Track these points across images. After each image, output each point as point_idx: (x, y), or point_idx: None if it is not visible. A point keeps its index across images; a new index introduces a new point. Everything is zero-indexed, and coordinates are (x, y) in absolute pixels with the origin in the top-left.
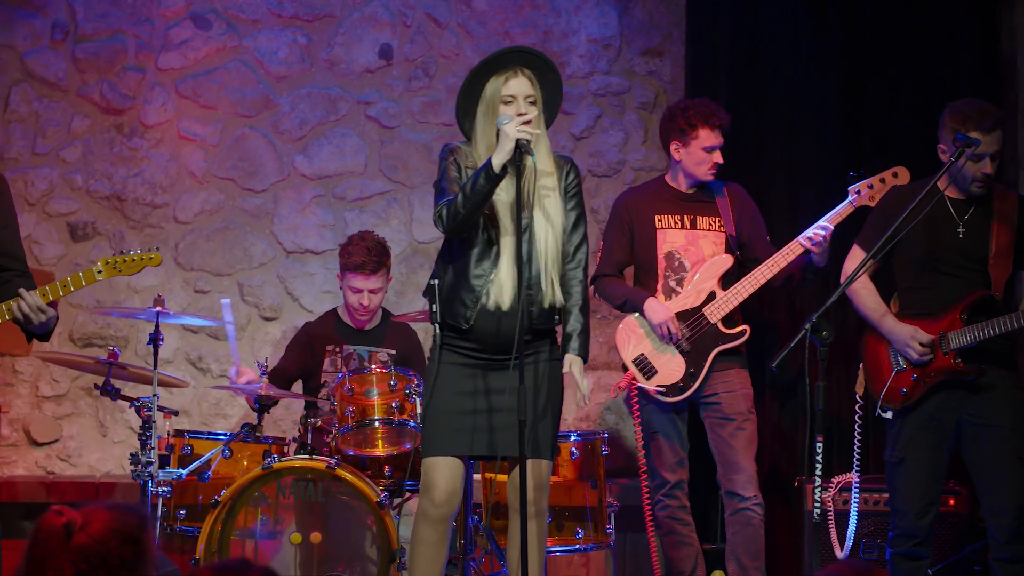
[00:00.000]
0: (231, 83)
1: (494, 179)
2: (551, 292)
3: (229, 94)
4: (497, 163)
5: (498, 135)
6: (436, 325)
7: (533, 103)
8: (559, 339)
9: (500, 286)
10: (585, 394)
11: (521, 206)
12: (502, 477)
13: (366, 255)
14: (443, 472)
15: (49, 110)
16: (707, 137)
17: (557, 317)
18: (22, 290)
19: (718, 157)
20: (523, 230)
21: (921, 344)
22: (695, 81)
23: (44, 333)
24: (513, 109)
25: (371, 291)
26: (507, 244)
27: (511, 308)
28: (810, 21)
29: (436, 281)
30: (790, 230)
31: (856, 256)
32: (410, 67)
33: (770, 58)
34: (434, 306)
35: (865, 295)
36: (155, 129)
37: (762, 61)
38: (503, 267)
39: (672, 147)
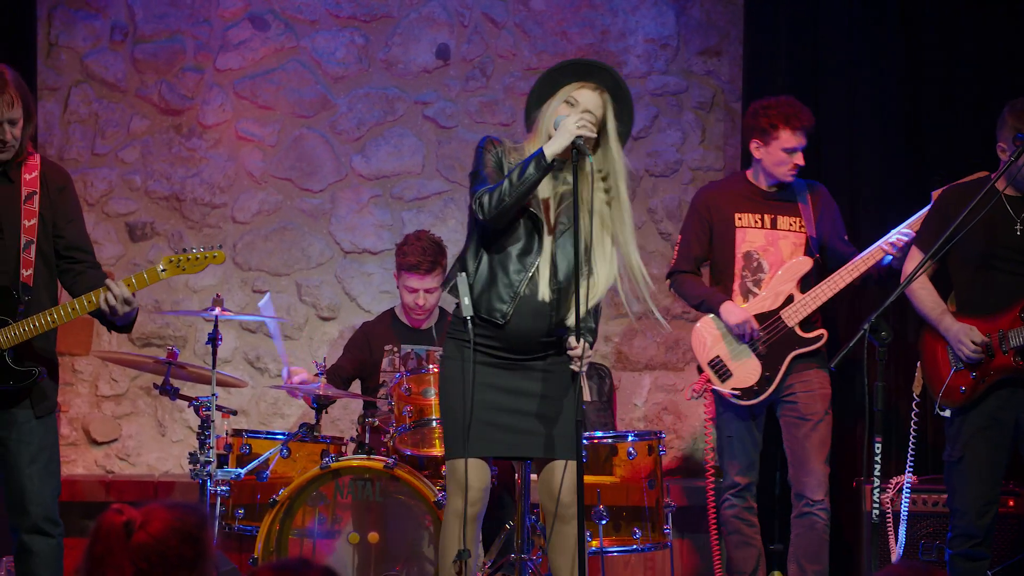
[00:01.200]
0: (289, 84)
1: (543, 168)
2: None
3: (287, 95)
4: (550, 152)
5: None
6: (468, 319)
7: (592, 122)
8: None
9: (537, 283)
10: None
11: (578, 205)
12: None
13: (421, 255)
14: (476, 472)
15: (108, 111)
16: (788, 139)
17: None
18: (110, 281)
19: (799, 159)
20: (563, 233)
21: (974, 343)
22: (753, 81)
23: (126, 324)
24: (570, 112)
25: (426, 291)
26: (549, 243)
27: (546, 305)
28: (870, 20)
29: (463, 274)
30: (850, 231)
31: (915, 257)
32: (467, 67)
33: (829, 58)
34: (466, 299)
35: (923, 294)
36: (213, 129)
37: (822, 61)
38: (543, 265)
39: (753, 145)
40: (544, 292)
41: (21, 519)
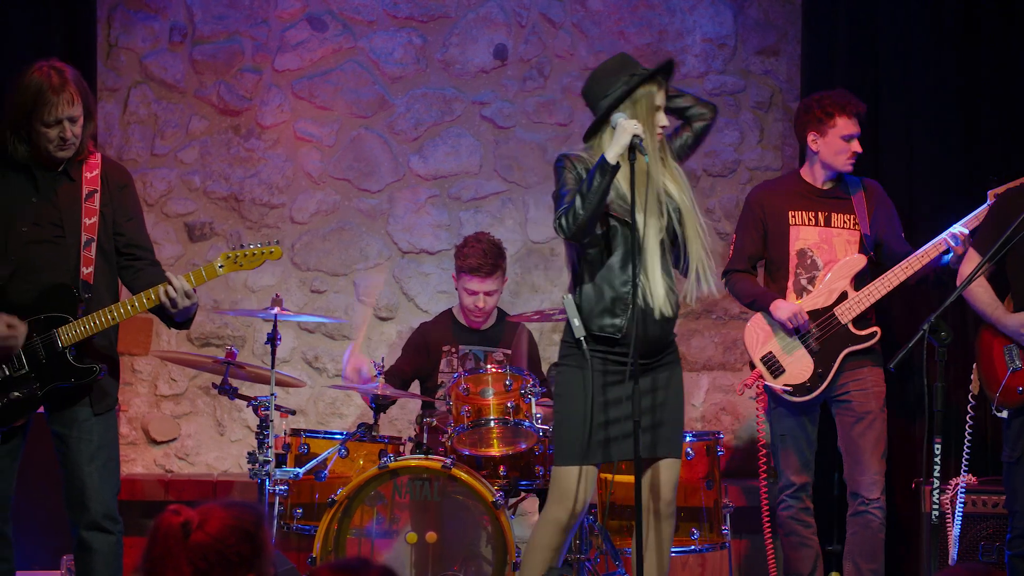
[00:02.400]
0: (347, 84)
1: (610, 172)
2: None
3: (345, 95)
4: (612, 156)
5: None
6: (583, 339)
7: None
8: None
9: (649, 290)
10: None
11: (635, 201)
12: (618, 478)
13: (482, 258)
14: (588, 483)
15: (167, 111)
16: (845, 125)
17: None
18: (170, 274)
19: (856, 146)
20: (665, 226)
21: None
22: (811, 80)
23: (185, 320)
24: (658, 119)
25: (487, 293)
26: (650, 248)
27: (661, 311)
28: (929, 19)
29: (569, 295)
30: (908, 231)
31: (972, 259)
32: (525, 67)
33: (888, 57)
34: (576, 320)
35: (980, 292)
36: (271, 130)
37: (881, 60)
38: (650, 271)
39: (810, 138)
40: (659, 296)
41: (81, 516)
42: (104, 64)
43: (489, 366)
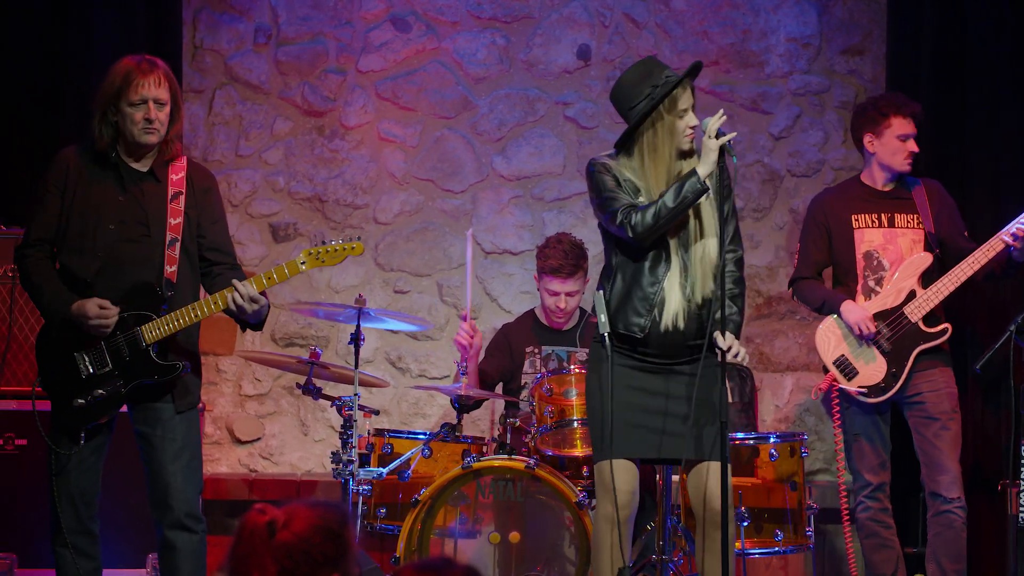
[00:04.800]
0: (430, 85)
1: (700, 192)
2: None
3: (428, 96)
4: (704, 173)
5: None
6: (606, 335)
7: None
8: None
9: (671, 296)
10: (738, 351)
11: (719, 205)
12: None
13: (563, 258)
14: (624, 475)
15: (252, 112)
16: (900, 125)
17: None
18: (235, 280)
19: (913, 145)
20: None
21: None
22: (896, 80)
23: (257, 322)
24: (688, 120)
25: (568, 294)
26: (677, 250)
27: (683, 316)
28: (1016, 19)
29: (601, 291)
30: (993, 230)
31: None
32: (608, 67)
33: (975, 57)
34: (603, 316)
35: None
36: (355, 131)
37: (967, 60)
38: (672, 276)
39: (866, 140)
40: (679, 301)
41: (164, 515)
42: (189, 66)
43: (572, 367)
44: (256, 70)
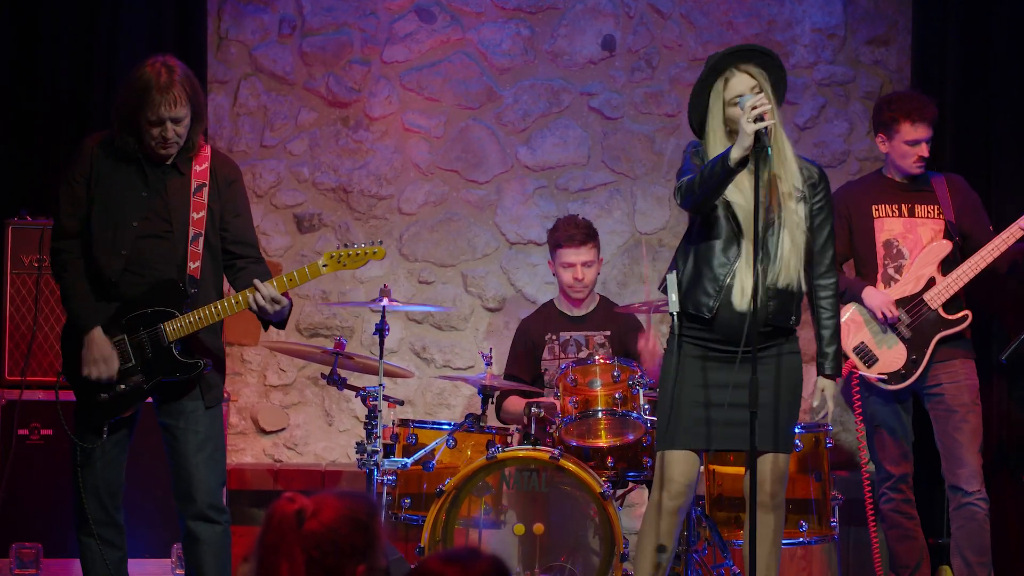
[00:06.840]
0: (455, 75)
1: (728, 172)
2: (789, 294)
3: (453, 86)
4: (733, 157)
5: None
6: (674, 315)
7: (760, 92)
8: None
9: (741, 280)
10: (830, 412)
11: (758, 199)
12: (725, 469)
13: (573, 228)
14: (680, 466)
15: (277, 103)
16: (908, 131)
17: (794, 318)
18: (256, 282)
19: (923, 150)
20: (767, 227)
21: None
22: (922, 71)
23: (280, 321)
24: (737, 111)
25: (584, 264)
26: (750, 237)
27: (748, 302)
28: None
29: (674, 272)
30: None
31: None
32: (633, 58)
33: (1001, 49)
34: (673, 296)
35: None
36: (380, 121)
37: (993, 51)
38: (743, 260)
39: (879, 139)
40: (746, 288)
41: (188, 507)
42: (214, 56)
43: (597, 357)
44: (281, 61)
